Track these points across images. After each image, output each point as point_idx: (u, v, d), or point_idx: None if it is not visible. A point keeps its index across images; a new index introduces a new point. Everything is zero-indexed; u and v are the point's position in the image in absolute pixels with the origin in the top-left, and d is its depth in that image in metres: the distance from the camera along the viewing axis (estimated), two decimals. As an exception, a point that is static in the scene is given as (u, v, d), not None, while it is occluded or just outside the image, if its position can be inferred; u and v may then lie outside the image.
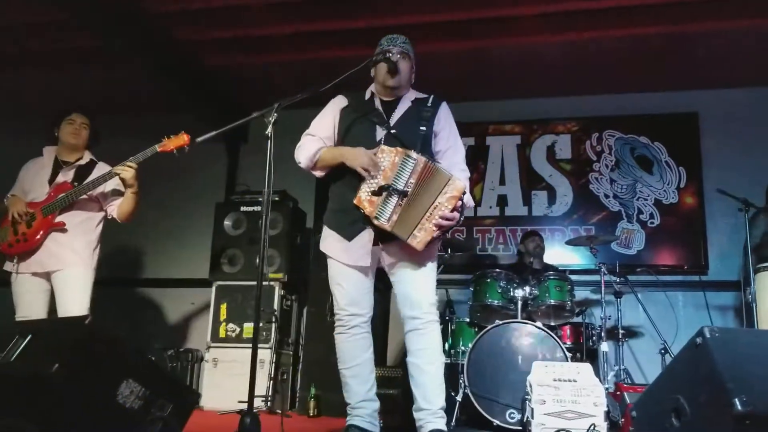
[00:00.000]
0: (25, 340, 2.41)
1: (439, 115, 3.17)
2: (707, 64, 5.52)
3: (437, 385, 3.01)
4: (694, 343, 1.89)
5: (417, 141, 3.06)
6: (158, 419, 2.40)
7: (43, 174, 3.90)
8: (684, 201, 5.75)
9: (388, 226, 2.90)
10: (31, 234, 3.72)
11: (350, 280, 3.11)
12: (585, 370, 3.78)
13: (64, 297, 3.70)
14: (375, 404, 3.15)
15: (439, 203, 2.90)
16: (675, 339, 4.95)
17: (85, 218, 3.86)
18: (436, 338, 3.05)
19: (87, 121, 3.95)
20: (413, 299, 3.03)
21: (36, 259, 3.74)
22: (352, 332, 3.11)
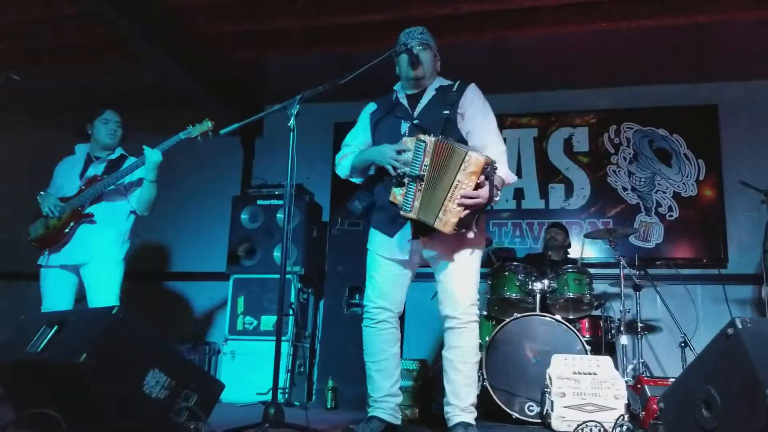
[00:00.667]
0: (52, 330, 2.43)
1: (464, 97, 3.09)
2: (727, 56, 5.47)
3: (469, 383, 3.01)
4: (726, 334, 1.88)
5: (438, 125, 3.00)
6: (183, 409, 2.41)
7: (76, 169, 3.96)
8: (703, 194, 5.70)
9: (412, 214, 2.86)
10: (61, 227, 3.76)
11: (384, 273, 3.11)
12: (605, 363, 3.77)
13: (93, 290, 3.73)
14: (398, 398, 3.16)
15: (459, 181, 2.76)
16: (695, 332, 4.93)
17: (113, 210, 3.88)
18: (473, 338, 3.02)
19: (120, 119, 4.01)
20: (453, 298, 2.99)
21: (65, 252, 3.77)
22: (379, 326, 3.10)
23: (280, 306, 2.89)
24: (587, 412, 3.55)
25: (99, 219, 3.80)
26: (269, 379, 2.92)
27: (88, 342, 2.25)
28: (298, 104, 2.91)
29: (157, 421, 2.35)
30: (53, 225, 3.78)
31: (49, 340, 2.43)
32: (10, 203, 6.62)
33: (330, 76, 3.07)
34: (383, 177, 3.05)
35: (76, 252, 3.75)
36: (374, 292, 3.11)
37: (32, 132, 6.75)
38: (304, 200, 5.58)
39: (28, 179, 4.27)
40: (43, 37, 5.47)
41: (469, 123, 3.06)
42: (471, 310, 3.00)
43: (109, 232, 3.82)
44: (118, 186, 3.86)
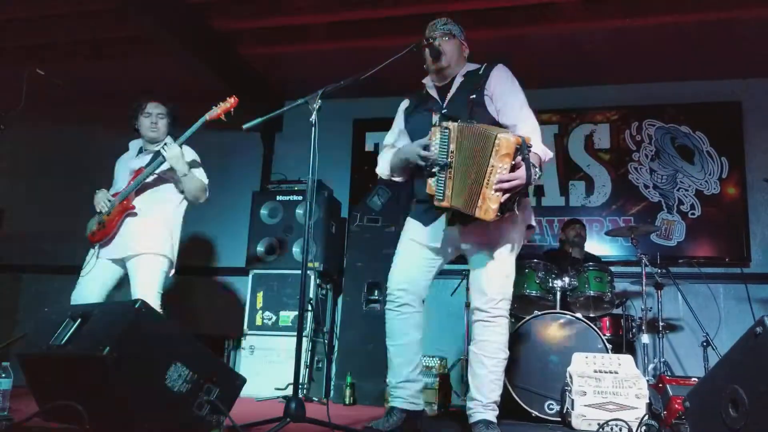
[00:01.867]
0: (75, 323, 2.45)
1: (491, 77, 3.03)
2: (751, 53, 5.40)
3: (493, 380, 2.95)
4: (754, 333, 1.85)
5: (465, 110, 2.96)
6: (205, 403, 2.42)
7: (129, 164, 3.95)
8: (726, 192, 5.63)
9: (446, 203, 2.81)
10: (110, 221, 3.77)
11: (411, 256, 3.08)
12: (626, 361, 3.74)
13: (136, 283, 3.69)
14: (417, 385, 3.10)
15: (492, 166, 2.65)
16: (717, 332, 4.88)
17: (160, 201, 3.85)
18: (502, 333, 2.95)
19: (163, 109, 3.93)
20: (484, 291, 2.94)
21: (113, 245, 3.77)
22: (402, 309, 3.06)
23: (302, 301, 2.89)
24: (608, 411, 3.52)
25: (145, 210, 3.77)
26: (287, 374, 2.93)
27: (111, 335, 2.25)
28: (320, 99, 2.91)
29: (179, 415, 2.35)
30: (104, 220, 3.80)
31: (72, 333, 2.44)
32: (32, 198, 6.73)
33: (351, 71, 3.06)
34: (420, 171, 3.02)
35: (122, 245, 3.74)
36: (398, 275, 3.09)
37: (56, 127, 6.82)
38: (323, 196, 5.59)
39: (47, 175, 4.31)
40: (64, 32, 5.51)
41: (498, 102, 2.98)
42: (501, 305, 2.94)
43: (153, 223, 3.78)
44: (162, 175, 3.82)
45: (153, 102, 3.93)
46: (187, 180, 3.78)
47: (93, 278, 3.76)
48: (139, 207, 3.77)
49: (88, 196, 3.96)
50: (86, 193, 4.04)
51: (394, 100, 6.17)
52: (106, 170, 4.15)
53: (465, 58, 3.19)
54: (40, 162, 6.78)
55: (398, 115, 3.30)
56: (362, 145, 6.51)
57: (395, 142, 3.24)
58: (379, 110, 6.37)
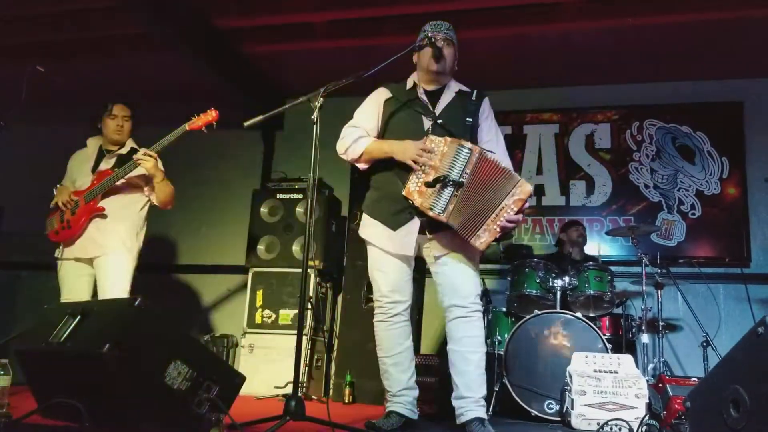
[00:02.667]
0: (75, 320, 2.44)
1: (483, 108, 3.17)
2: (753, 53, 5.39)
3: (479, 374, 3.00)
4: (756, 333, 1.84)
5: (465, 132, 3.04)
6: (205, 401, 2.41)
7: (88, 163, 3.99)
8: (726, 192, 5.62)
9: (444, 217, 2.85)
10: (75, 221, 3.80)
11: (392, 268, 3.09)
12: (626, 361, 3.74)
13: (104, 282, 3.76)
14: (415, 392, 3.16)
15: (505, 205, 2.87)
16: (717, 332, 4.88)
17: (127, 203, 3.91)
18: (480, 327, 3.04)
19: (128, 112, 4.00)
20: (460, 290, 3.01)
21: (79, 245, 3.81)
22: (393, 320, 3.10)
23: (302, 300, 2.88)
24: (608, 411, 3.53)
25: (111, 212, 3.82)
26: (287, 372, 2.93)
27: (110, 332, 2.25)
28: (322, 97, 2.90)
29: (179, 412, 2.35)
30: (67, 219, 3.81)
31: (71, 330, 2.44)
32: (32, 196, 6.72)
33: (352, 70, 3.06)
34: (393, 168, 3.02)
35: (90, 245, 3.79)
36: (387, 287, 3.10)
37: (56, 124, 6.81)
38: (323, 194, 5.58)
39: (48, 172, 4.30)
40: (64, 30, 5.50)
41: (485, 135, 3.15)
42: (477, 300, 3.04)
43: (121, 224, 3.84)
44: (130, 179, 3.87)
45: (119, 104, 4.00)
46: (162, 186, 3.83)
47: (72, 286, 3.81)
48: (107, 209, 3.80)
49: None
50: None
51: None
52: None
53: (454, 71, 3.22)
54: (40, 159, 6.76)
55: (376, 100, 3.21)
56: (363, 144, 6.48)
57: (368, 129, 3.16)
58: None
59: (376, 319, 3.15)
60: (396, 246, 3.04)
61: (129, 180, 3.87)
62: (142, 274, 3.99)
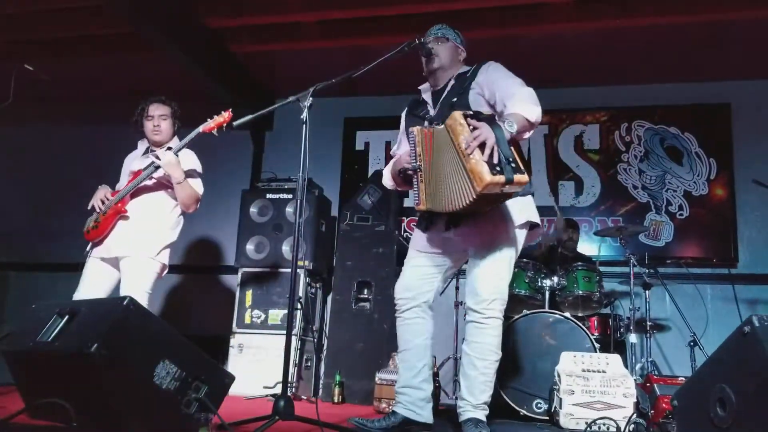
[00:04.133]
0: (63, 320, 2.43)
1: (479, 75, 3.01)
2: (741, 55, 5.44)
3: (484, 381, 2.94)
4: (742, 332, 1.86)
5: (446, 114, 2.89)
6: (194, 400, 2.41)
7: (133, 163, 3.91)
8: (714, 193, 5.67)
9: (423, 206, 2.82)
10: (104, 220, 3.74)
11: (412, 265, 3.11)
12: (614, 361, 3.75)
13: (125, 284, 3.68)
14: (419, 392, 3.06)
15: (458, 144, 2.54)
16: (704, 332, 4.91)
17: (155, 204, 3.82)
18: (494, 335, 2.92)
19: (165, 111, 3.88)
20: (477, 292, 2.92)
21: (105, 245, 3.75)
22: (404, 316, 3.09)
23: (291, 300, 2.88)
24: (596, 410, 3.54)
25: (137, 214, 3.74)
26: (276, 372, 2.92)
27: (99, 332, 2.24)
28: (311, 97, 2.90)
29: (167, 412, 2.35)
30: (100, 219, 3.78)
31: (60, 330, 2.43)
32: (22, 195, 6.68)
33: (343, 70, 3.06)
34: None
35: (113, 246, 3.72)
36: (400, 284, 3.12)
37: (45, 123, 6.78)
38: (313, 194, 5.57)
39: (37, 173, 4.28)
40: (53, 29, 5.47)
41: (492, 91, 2.94)
42: (494, 305, 2.90)
43: (145, 226, 3.75)
44: (160, 179, 3.78)
45: (154, 104, 3.88)
46: (180, 188, 3.73)
47: (91, 281, 3.75)
48: (132, 210, 3.74)
49: (76, 194, 3.94)
50: (75, 191, 4.01)
51: (385, 99, 6.21)
52: (96, 169, 4.12)
53: (461, 62, 3.19)
54: (28, 160, 6.73)
55: (401, 122, 3.29)
56: (353, 144, 6.50)
57: (398, 150, 3.24)
58: (370, 109, 6.38)
59: (395, 314, 3.17)
60: (425, 244, 3.08)
61: (159, 180, 3.78)
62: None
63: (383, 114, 5.99)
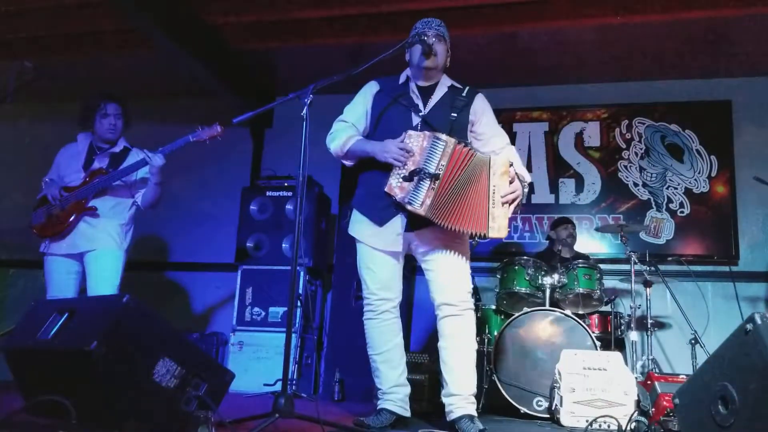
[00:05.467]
0: (62, 317, 2.43)
1: (474, 105, 3.14)
2: (742, 51, 5.42)
3: (469, 372, 3.00)
4: (744, 330, 1.85)
5: (446, 126, 3.02)
6: (193, 398, 2.40)
7: (78, 159, 3.95)
8: (715, 190, 5.65)
9: (421, 210, 2.84)
10: (64, 217, 3.77)
11: (381, 265, 3.09)
12: (615, 359, 3.75)
13: (95, 277, 3.75)
14: (406, 389, 3.15)
15: (495, 186, 2.88)
16: (705, 330, 4.90)
17: (116, 203, 3.90)
18: (471, 325, 3.03)
19: (120, 110, 3.97)
20: (450, 287, 3.00)
21: (68, 242, 3.79)
22: (382, 317, 3.10)
23: (291, 297, 2.87)
24: (597, 408, 3.54)
25: (102, 212, 3.82)
26: (276, 370, 2.92)
27: (98, 329, 2.23)
28: (312, 94, 2.89)
29: (167, 410, 2.34)
30: (56, 214, 3.78)
31: (59, 327, 2.42)
32: (21, 192, 6.67)
33: (343, 67, 3.05)
34: (380, 164, 3.01)
35: (80, 241, 3.77)
36: (375, 285, 3.10)
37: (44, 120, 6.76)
38: (313, 192, 5.57)
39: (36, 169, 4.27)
40: (52, 25, 5.46)
41: (484, 129, 3.16)
42: (467, 297, 3.02)
43: (111, 223, 3.84)
44: (125, 180, 3.88)
45: (112, 102, 3.96)
46: (157, 188, 3.86)
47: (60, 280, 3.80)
48: (99, 208, 3.80)
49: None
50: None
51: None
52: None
53: (446, 67, 3.21)
54: (29, 156, 6.71)
55: (365, 94, 3.22)
56: (353, 141, 6.47)
57: (356, 123, 3.18)
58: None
59: (365, 317, 3.15)
60: (383, 242, 3.05)
61: (124, 181, 3.87)
62: (130, 272, 3.99)
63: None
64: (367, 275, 3.13)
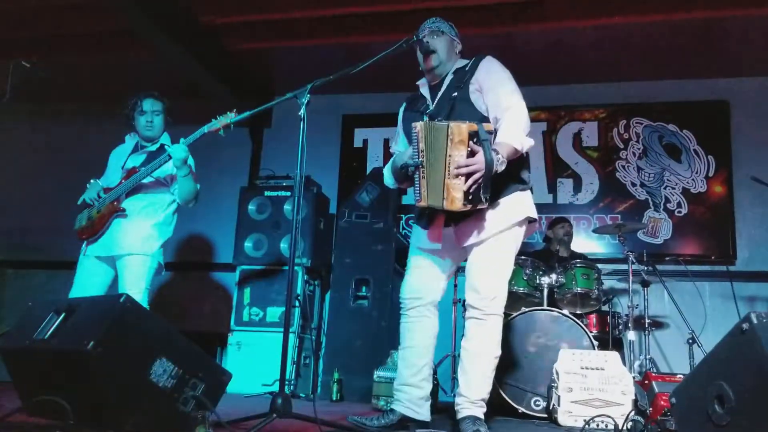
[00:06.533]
0: (60, 317, 2.42)
1: (477, 71, 2.99)
2: (739, 51, 5.44)
3: (483, 377, 2.93)
4: (740, 329, 1.85)
5: (447, 109, 2.95)
6: (190, 398, 2.40)
7: (122, 159, 3.91)
8: (713, 190, 5.67)
9: (424, 203, 2.81)
10: (99, 219, 3.74)
11: (414, 265, 3.12)
12: (613, 358, 3.75)
13: (123, 281, 3.69)
14: (417, 391, 3.06)
15: (450, 156, 2.64)
16: (703, 329, 4.91)
17: (150, 202, 3.83)
18: (494, 332, 2.92)
19: (159, 107, 3.90)
20: (477, 289, 2.92)
21: (101, 244, 3.75)
22: (409, 314, 3.10)
23: (289, 297, 2.87)
24: (594, 407, 3.54)
25: (134, 211, 3.75)
26: (275, 370, 2.92)
27: (95, 329, 2.23)
28: (309, 93, 2.89)
29: (164, 410, 2.34)
30: (94, 216, 3.76)
31: (56, 328, 2.42)
32: (18, 192, 6.67)
33: (340, 67, 3.05)
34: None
35: (111, 244, 3.72)
36: (406, 286, 3.13)
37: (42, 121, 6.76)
38: (311, 192, 5.57)
39: (34, 169, 4.27)
40: (50, 26, 5.45)
41: (487, 96, 2.95)
42: (494, 303, 2.90)
43: (144, 224, 3.76)
44: (158, 178, 3.80)
45: (149, 99, 3.89)
46: (187, 181, 3.75)
47: (86, 279, 3.75)
48: (129, 208, 3.75)
49: (73, 191, 3.92)
50: (72, 188, 4.00)
51: (384, 96, 6.19)
52: (92, 165, 4.11)
53: (458, 55, 3.16)
54: (25, 156, 6.71)
55: (399, 117, 3.27)
56: (351, 141, 6.49)
57: (401, 148, 3.19)
58: (368, 106, 6.37)
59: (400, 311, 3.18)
60: (424, 242, 3.06)
61: (157, 178, 3.79)
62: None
63: (382, 111, 5.97)
64: (406, 273, 3.16)
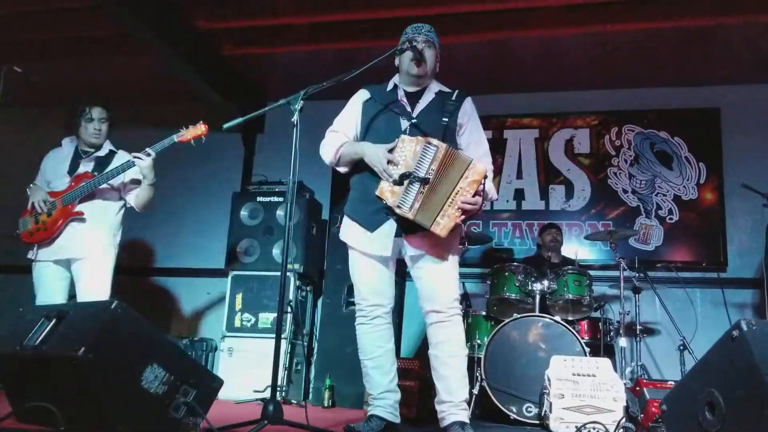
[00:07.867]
0: (50, 323, 2.41)
1: (463, 108, 3.14)
2: (730, 60, 5.47)
3: (460, 378, 3.00)
4: (731, 336, 1.86)
5: (439, 131, 3.03)
6: (182, 404, 2.39)
7: (64, 164, 3.94)
8: (704, 197, 5.69)
9: (410, 214, 2.85)
10: (51, 223, 3.76)
11: (372, 271, 3.09)
12: (604, 365, 3.76)
13: (84, 284, 3.73)
14: (396, 395, 3.14)
15: (460, 188, 2.84)
16: (694, 336, 4.93)
17: (104, 207, 3.88)
18: (459, 331, 3.03)
19: (105, 114, 3.96)
20: (437, 294, 3.01)
21: (56, 247, 3.77)
22: (374, 323, 3.09)
23: (281, 303, 2.87)
24: (586, 414, 3.54)
25: (90, 216, 3.80)
26: (266, 376, 2.91)
27: (86, 335, 2.22)
28: (302, 100, 2.89)
29: (155, 417, 2.33)
30: (43, 220, 3.77)
31: (47, 333, 2.41)
32: (8, 197, 6.62)
33: (334, 73, 3.06)
34: (368, 167, 3.01)
35: (69, 247, 3.76)
36: (368, 290, 3.10)
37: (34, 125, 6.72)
38: (304, 198, 5.56)
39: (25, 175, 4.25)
40: (42, 30, 5.44)
41: (466, 136, 3.15)
42: (455, 303, 3.02)
43: (100, 227, 3.83)
44: (111, 184, 3.86)
45: (98, 107, 3.95)
46: (149, 190, 3.84)
47: (49, 286, 3.79)
48: (85, 212, 3.78)
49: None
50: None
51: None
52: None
53: (436, 72, 3.22)
54: (15, 161, 6.67)
55: (355, 103, 3.23)
56: (344, 147, 6.48)
57: (347, 133, 3.18)
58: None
59: (357, 323, 3.14)
60: (374, 247, 3.04)
61: (110, 184, 3.85)
62: (120, 277, 3.97)
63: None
64: (359, 281, 3.13)
